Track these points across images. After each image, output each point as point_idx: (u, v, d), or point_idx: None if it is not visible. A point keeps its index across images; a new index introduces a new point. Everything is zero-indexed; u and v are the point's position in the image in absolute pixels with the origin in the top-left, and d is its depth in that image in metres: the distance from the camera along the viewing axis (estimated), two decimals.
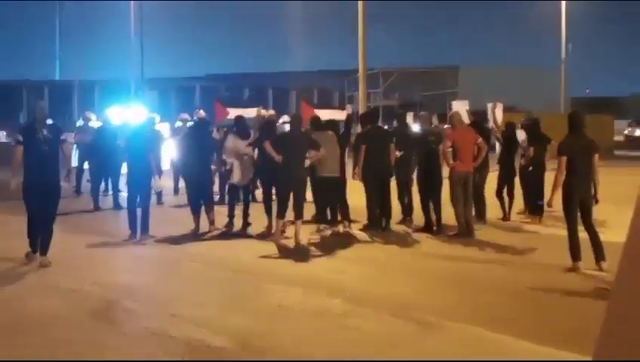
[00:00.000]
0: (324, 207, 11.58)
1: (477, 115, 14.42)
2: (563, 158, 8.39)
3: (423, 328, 6.10)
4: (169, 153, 15.98)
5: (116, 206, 13.94)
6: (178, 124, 17.09)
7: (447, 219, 11.25)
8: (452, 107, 14.27)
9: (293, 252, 9.78)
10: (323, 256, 9.59)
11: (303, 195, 10.55)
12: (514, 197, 12.65)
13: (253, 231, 11.32)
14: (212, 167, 12.03)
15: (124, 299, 7.05)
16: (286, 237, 10.55)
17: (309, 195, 11.43)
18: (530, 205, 12.49)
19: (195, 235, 10.98)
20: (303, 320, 6.42)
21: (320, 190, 11.58)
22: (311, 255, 9.64)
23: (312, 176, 11.32)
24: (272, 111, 16.34)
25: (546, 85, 44.60)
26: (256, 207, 12.14)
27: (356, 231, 11.32)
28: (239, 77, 68.29)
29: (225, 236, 11.02)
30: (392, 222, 11.57)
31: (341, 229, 11.39)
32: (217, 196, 13.17)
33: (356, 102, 27.85)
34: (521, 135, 12.92)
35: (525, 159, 12.51)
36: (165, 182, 13.64)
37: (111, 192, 14.62)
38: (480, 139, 11.12)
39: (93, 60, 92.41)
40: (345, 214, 11.51)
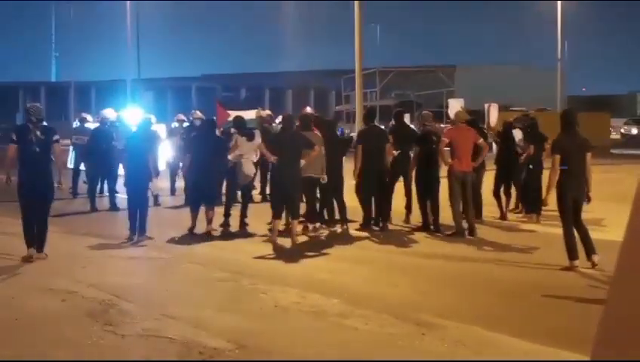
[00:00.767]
0: (312, 207, 11.50)
1: (472, 114, 14.39)
2: (557, 157, 8.40)
3: (421, 328, 6.08)
4: (165, 154, 15.94)
5: (113, 207, 13.91)
6: (174, 124, 17.07)
7: (444, 219, 11.24)
8: (449, 105, 14.26)
9: (290, 252, 9.77)
10: (320, 257, 9.58)
11: (298, 196, 10.52)
12: (511, 197, 12.65)
13: (251, 230, 11.30)
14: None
15: (122, 301, 7.02)
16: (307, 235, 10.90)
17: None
18: (527, 204, 12.49)
19: (191, 236, 10.95)
20: (301, 320, 6.41)
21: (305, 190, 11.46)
22: (308, 255, 9.62)
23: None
24: (268, 112, 16.35)
25: (543, 84, 44.68)
26: (252, 207, 12.10)
27: (353, 231, 11.31)
28: (235, 77, 68.38)
29: (222, 236, 10.99)
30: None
31: (338, 229, 11.38)
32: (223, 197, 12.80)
33: (353, 101, 27.84)
34: (518, 134, 12.92)
35: (523, 158, 12.49)
36: (162, 183, 13.62)
37: (107, 193, 14.58)
38: (481, 139, 11.10)
39: (89, 61, 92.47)
40: (342, 214, 11.49)
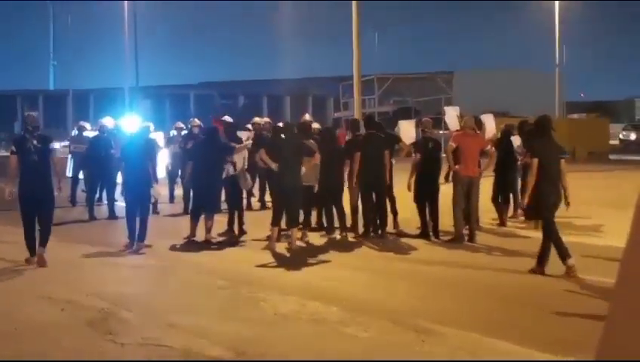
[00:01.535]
0: (308, 215, 11.51)
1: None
2: (536, 161, 8.49)
3: (421, 335, 6.07)
4: (164, 161, 15.93)
5: (111, 215, 13.89)
6: (173, 132, 17.05)
7: (443, 225, 11.24)
8: (445, 113, 14.26)
9: (290, 260, 9.76)
10: (319, 264, 9.56)
11: (297, 203, 10.51)
12: (509, 203, 12.65)
13: (249, 238, 11.29)
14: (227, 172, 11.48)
15: (121, 309, 7.00)
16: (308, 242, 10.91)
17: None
18: (526, 210, 12.44)
19: (190, 243, 10.94)
20: (300, 328, 6.39)
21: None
22: (307, 263, 9.60)
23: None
24: (267, 119, 16.36)
25: (541, 89, 44.72)
26: (251, 215, 12.10)
27: (352, 238, 11.30)
28: (233, 84, 68.40)
29: (221, 244, 10.98)
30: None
31: (337, 237, 11.37)
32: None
33: (351, 108, 27.86)
34: (517, 141, 12.92)
35: (522, 164, 12.47)
36: (163, 190, 13.60)
37: (106, 202, 14.56)
38: (489, 146, 11.10)
39: (87, 69, 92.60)
40: (341, 222, 11.47)
